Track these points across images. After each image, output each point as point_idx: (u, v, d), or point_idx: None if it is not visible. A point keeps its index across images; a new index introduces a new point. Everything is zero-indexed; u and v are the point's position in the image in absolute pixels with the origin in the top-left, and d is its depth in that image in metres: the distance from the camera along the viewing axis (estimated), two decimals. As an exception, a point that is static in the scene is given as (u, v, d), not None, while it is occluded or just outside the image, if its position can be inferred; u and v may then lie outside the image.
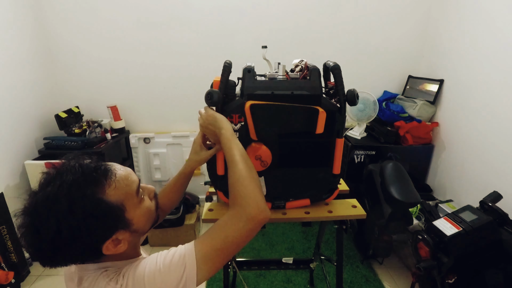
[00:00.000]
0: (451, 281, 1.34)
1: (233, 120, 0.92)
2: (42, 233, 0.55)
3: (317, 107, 0.90)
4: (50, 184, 0.59)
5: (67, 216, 0.55)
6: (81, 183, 0.58)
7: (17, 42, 2.01)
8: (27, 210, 0.58)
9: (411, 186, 1.70)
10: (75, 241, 0.57)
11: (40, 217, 0.56)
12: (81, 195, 0.57)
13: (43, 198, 0.57)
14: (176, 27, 2.26)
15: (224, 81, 0.90)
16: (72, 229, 0.55)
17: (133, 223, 0.64)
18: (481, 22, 1.84)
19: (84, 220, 0.56)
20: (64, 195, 0.56)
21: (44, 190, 0.59)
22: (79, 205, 0.56)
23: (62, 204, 0.56)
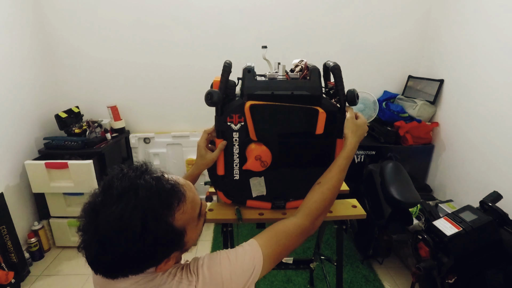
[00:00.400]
0: (451, 281, 1.34)
1: (233, 120, 0.92)
2: (107, 250, 0.53)
3: (317, 108, 0.90)
4: (123, 197, 0.55)
5: (137, 241, 0.54)
6: (156, 206, 0.56)
7: (17, 42, 2.01)
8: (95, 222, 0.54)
9: (411, 186, 1.70)
10: (137, 262, 0.56)
11: (110, 235, 0.53)
12: (156, 221, 0.55)
13: (116, 217, 0.53)
14: (176, 27, 2.26)
15: (224, 81, 0.90)
16: (138, 252, 0.54)
17: (187, 245, 0.63)
18: (481, 22, 1.84)
19: (153, 246, 0.55)
20: (140, 218, 0.54)
21: (116, 204, 0.54)
22: (152, 231, 0.54)
23: (136, 228, 0.53)
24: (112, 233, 0.53)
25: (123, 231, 0.53)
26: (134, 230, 0.53)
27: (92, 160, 1.95)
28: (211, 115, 0.94)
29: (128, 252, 0.54)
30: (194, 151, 2.47)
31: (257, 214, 1.04)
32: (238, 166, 0.99)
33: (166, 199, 0.58)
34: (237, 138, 0.95)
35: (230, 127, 0.93)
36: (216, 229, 2.29)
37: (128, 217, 0.53)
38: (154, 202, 0.56)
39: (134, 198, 0.55)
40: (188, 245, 0.64)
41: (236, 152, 0.97)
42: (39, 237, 2.08)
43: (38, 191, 2.02)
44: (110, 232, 0.53)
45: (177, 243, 0.60)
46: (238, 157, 0.98)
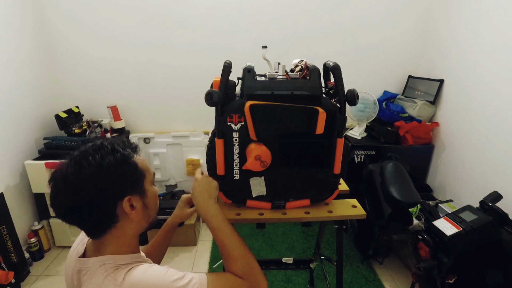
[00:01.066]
0: (451, 281, 1.34)
1: (233, 120, 0.92)
2: (84, 171, 0.62)
3: (317, 108, 0.90)
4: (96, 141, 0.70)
5: (110, 160, 0.64)
6: (121, 145, 0.70)
7: (17, 42, 2.01)
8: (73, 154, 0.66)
9: (411, 186, 1.70)
10: (108, 183, 0.63)
11: (87, 154, 0.64)
12: (122, 148, 0.69)
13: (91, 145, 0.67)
14: (176, 27, 2.26)
15: (224, 81, 0.90)
16: (111, 171, 0.64)
17: (147, 196, 0.71)
18: (481, 22, 1.84)
19: (121, 166, 0.66)
20: (109, 144, 0.68)
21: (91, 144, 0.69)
22: (120, 155, 0.67)
23: (108, 150, 0.66)
24: (88, 153, 0.65)
25: (97, 151, 0.65)
26: (106, 149, 0.66)
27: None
28: (211, 115, 0.94)
29: (101, 166, 0.63)
30: (194, 151, 2.48)
31: (257, 214, 1.04)
32: (238, 166, 0.99)
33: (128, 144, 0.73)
34: (237, 138, 0.95)
35: (230, 127, 0.94)
36: (216, 229, 2.29)
37: (100, 144, 0.68)
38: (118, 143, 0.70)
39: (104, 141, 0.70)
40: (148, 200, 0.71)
41: (236, 152, 0.97)
42: (39, 237, 2.08)
43: (38, 191, 2.02)
44: (86, 152, 0.65)
45: (138, 179, 0.69)
46: (238, 157, 0.98)
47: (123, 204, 0.66)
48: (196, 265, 2.08)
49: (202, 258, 2.14)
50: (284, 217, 1.04)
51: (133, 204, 0.68)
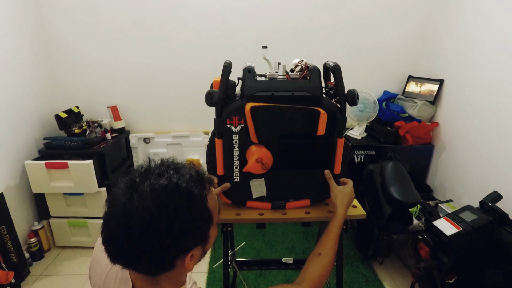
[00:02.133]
0: (451, 281, 1.34)
1: (233, 122, 0.92)
2: (152, 223, 0.51)
3: (318, 109, 0.90)
4: (164, 174, 0.55)
5: (184, 209, 0.53)
6: (197, 182, 0.57)
7: (17, 42, 2.01)
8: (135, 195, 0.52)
9: (411, 186, 1.70)
10: (178, 239, 0.53)
11: (156, 205, 0.51)
12: (198, 193, 0.55)
13: (162, 186, 0.53)
14: (176, 27, 2.26)
15: (224, 81, 0.90)
16: (183, 225, 0.53)
17: (208, 242, 0.62)
18: (481, 22, 1.84)
19: (195, 219, 0.55)
20: (185, 187, 0.54)
21: (159, 179, 0.54)
22: (196, 201, 0.55)
23: (183, 196, 0.53)
24: (160, 202, 0.51)
25: (171, 200, 0.52)
26: (181, 199, 0.53)
27: (92, 160, 1.95)
28: (211, 115, 0.94)
29: (174, 223, 0.51)
30: (194, 151, 2.48)
31: (257, 214, 1.04)
32: (239, 168, 0.98)
33: (203, 179, 0.60)
34: (237, 140, 0.94)
35: (230, 129, 0.93)
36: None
37: (175, 186, 0.53)
38: (194, 178, 0.57)
39: (176, 174, 0.55)
40: (208, 246, 0.63)
41: (236, 154, 0.96)
42: (39, 237, 2.08)
43: (38, 191, 2.02)
44: (157, 200, 0.51)
45: (207, 228, 0.60)
46: (238, 159, 0.97)
47: (185, 259, 0.58)
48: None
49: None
50: (284, 217, 1.04)
51: (194, 254, 0.59)
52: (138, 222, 0.51)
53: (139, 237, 0.51)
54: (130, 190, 0.53)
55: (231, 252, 1.51)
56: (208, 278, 1.93)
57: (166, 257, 0.55)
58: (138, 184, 0.53)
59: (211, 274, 1.97)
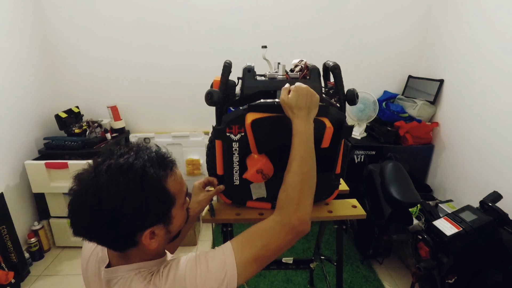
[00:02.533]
0: (451, 281, 1.34)
1: (233, 131, 0.90)
2: (104, 198, 0.54)
3: (323, 119, 0.85)
4: (124, 155, 0.59)
5: (136, 188, 0.56)
6: (155, 163, 0.60)
7: (17, 43, 2.01)
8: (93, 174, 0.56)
9: (411, 186, 1.70)
10: (130, 216, 0.56)
11: (109, 183, 0.55)
12: (153, 173, 0.58)
13: (117, 165, 0.56)
14: (176, 27, 2.26)
15: (224, 81, 0.90)
16: (135, 202, 0.56)
17: (172, 222, 0.64)
18: (481, 22, 1.84)
19: (148, 198, 0.57)
20: (140, 168, 0.57)
21: (117, 159, 0.58)
22: (150, 181, 0.57)
23: (136, 177, 0.56)
24: (112, 180, 0.55)
25: (123, 178, 0.55)
26: (134, 178, 0.56)
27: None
28: (211, 115, 0.94)
29: (125, 200, 0.55)
30: (194, 151, 2.48)
31: (257, 214, 1.04)
32: (238, 173, 0.98)
33: (163, 160, 0.62)
34: (237, 147, 0.93)
35: (230, 137, 0.92)
36: (216, 229, 2.29)
37: (129, 166, 0.56)
38: (153, 160, 0.60)
39: (135, 154, 0.59)
40: (172, 225, 0.64)
41: (236, 160, 0.95)
42: (39, 237, 2.08)
43: (38, 191, 2.02)
44: (109, 178, 0.55)
45: (166, 208, 0.61)
46: (238, 165, 0.96)
47: (143, 236, 0.59)
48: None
49: (202, 258, 2.14)
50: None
51: (155, 232, 0.61)
52: (92, 198, 0.55)
53: (93, 212, 0.55)
54: (91, 170, 0.58)
55: (231, 252, 1.50)
56: (208, 278, 1.93)
57: (122, 233, 0.58)
58: (98, 164, 0.58)
59: (211, 274, 1.97)
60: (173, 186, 0.62)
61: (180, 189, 0.64)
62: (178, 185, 0.64)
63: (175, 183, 0.63)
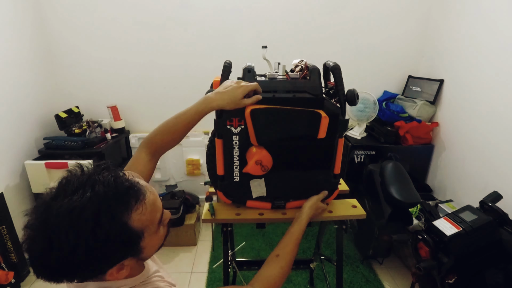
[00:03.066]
0: (451, 281, 1.34)
1: (233, 124, 0.91)
2: (54, 246, 0.49)
3: (319, 111, 0.88)
4: (78, 191, 0.52)
5: (88, 237, 0.50)
6: (112, 203, 0.53)
7: (17, 42, 2.01)
8: (43, 216, 0.51)
9: (411, 186, 1.70)
10: (85, 262, 0.51)
11: (58, 229, 0.49)
12: (110, 217, 0.52)
13: (68, 209, 0.50)
14: (176, 27, 2.26)
15: (224, 81, 0.90)
16: (88, 250, 0.50)
17: (143, 252, 0.59)
18: (481, 22, 1.84)
19: (104, 244, 0.51)
20: (92, 212, 0.50)
21: (70, 198, 0.51)
22: (105, 227, 0.51)
23: (88, 222, 0.50)
24: (61, 227, 0.49)
25: (73, 225, 0.49)
26: (86, 224, 0.49)
27: (92, 160, 1.95)
28: (211, 115, 0.94)
29: (76, 249, 0.49)
30: (194, 151, 2.48)
31: (257, 214, 1.04)
32: (238, 168, 0.98)
33: (123, 196, 0.54)
34: (237, 141, 0.94)
35: (230, 130, 0.92)
36: (216, 229, 2.29)
37: (80, 210, 0.50)
38: (109, 197, 0.52)
39: (90, 192, 0.51)
40: (145, 253, 0.60)
41: (236, 155, 0.96)
42: (39, 237, 2.08)
43: (38, 191, 2.02)
44: (59, 225, 0.49)
45: (131, 246, 0.56)
46: (238, 160, 0.97)
47: (107, 273, 0.55)
48: (196, 265, 2.07)
49: (202, 258, 2.14)
50: (284, 217, 1.04)
51: (124, 264, 0.57)
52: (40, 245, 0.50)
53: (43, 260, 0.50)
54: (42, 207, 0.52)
55: (231, 252, 1.51)
56: (208, 278, 1.94)
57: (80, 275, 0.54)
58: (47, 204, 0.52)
59: (211, 274, 1.97)
60: (140, 220, 0.55)
61: (150, 218, 0.58)
62: (147, 216, 0.57)
63: (143, 215, 0.56)
